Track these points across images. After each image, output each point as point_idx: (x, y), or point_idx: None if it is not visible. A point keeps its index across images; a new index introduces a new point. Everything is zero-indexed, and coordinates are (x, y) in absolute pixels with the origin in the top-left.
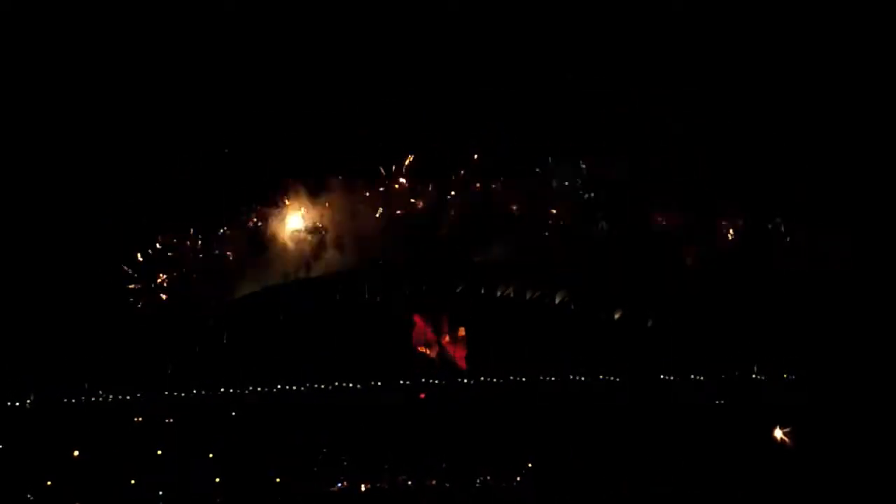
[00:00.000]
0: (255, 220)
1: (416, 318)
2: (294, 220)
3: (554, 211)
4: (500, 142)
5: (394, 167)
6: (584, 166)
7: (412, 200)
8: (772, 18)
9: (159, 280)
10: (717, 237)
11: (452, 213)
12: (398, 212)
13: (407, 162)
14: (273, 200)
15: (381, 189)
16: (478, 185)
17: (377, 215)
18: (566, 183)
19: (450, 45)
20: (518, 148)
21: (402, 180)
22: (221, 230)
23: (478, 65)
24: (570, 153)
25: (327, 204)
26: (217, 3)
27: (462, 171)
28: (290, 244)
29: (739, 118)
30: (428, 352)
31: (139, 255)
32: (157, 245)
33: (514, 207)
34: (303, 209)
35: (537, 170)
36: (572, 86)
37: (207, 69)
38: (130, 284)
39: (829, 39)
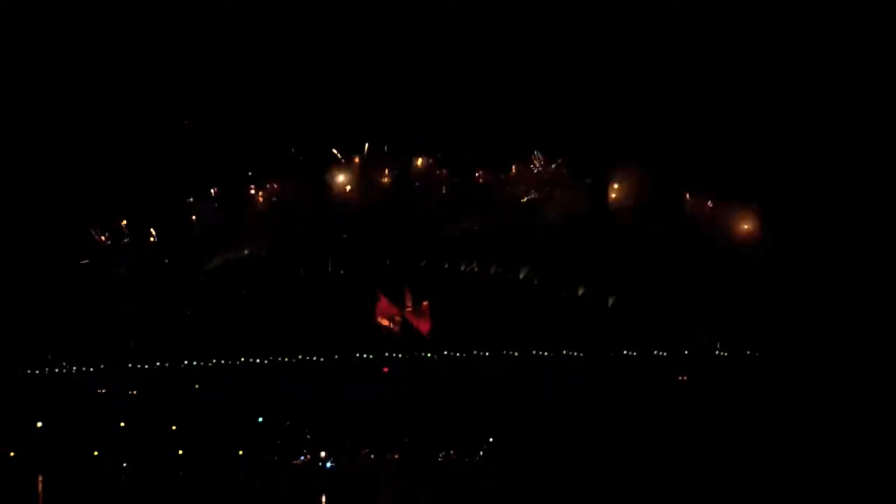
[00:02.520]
0: (220, 195)
1: (380, 292)
2: (260, 195)
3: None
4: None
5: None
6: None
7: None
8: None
9: (125, 253)
10: (680, 216)
11: (417, 188)
12: (363, 187)
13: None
14: (240, 176)
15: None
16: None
17: (343, 190)
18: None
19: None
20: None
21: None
22: (186, 203)
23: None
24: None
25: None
26: None
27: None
28: (255, 219)
29: (713, 104)
30: (391, 325)
31: (103, 226)
32: (123, 217)
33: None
34: (268, 184)
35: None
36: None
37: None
38: (94, 257)
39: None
